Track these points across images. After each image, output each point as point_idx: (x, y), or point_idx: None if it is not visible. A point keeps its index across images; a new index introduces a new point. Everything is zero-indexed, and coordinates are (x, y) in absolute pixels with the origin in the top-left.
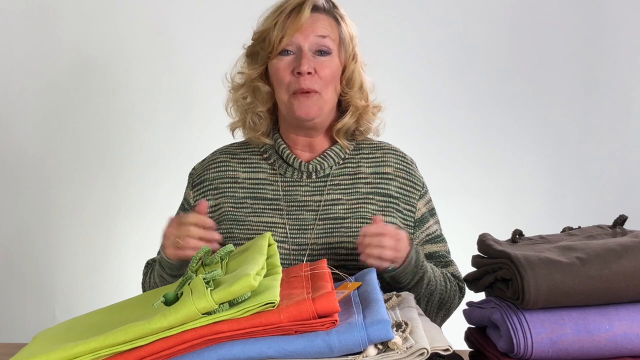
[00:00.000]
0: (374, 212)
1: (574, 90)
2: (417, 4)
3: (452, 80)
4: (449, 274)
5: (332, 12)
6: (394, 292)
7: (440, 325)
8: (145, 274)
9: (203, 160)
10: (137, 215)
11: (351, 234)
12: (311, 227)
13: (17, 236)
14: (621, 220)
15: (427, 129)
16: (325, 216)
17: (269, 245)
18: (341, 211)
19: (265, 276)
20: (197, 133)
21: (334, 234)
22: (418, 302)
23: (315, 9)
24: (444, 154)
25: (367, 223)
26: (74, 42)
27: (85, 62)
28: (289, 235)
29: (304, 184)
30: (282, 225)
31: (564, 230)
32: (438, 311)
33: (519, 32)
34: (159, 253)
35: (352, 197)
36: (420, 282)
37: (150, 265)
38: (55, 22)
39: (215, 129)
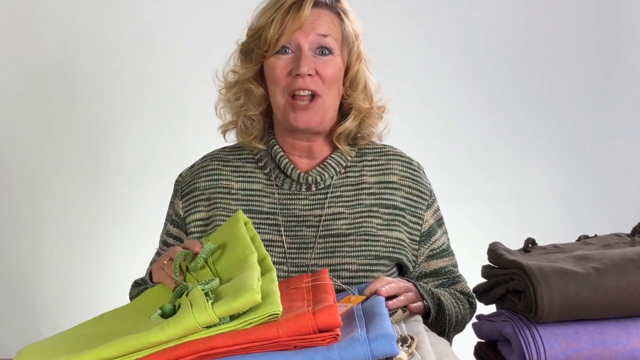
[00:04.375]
0: (379, 226)
1: (589, 91)
2: None
3: (460, 80)
4: (457, 294)
5: (334, 7)
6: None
7: (451, 339)
8: (135, 297)
9: (192, 167)
10: (124, 222)
11: (354, 253)
12: (311, 245)
13: None
14: None
15: (435, 131)
16: (326, 233)
17: (245, 224)
18: (343, 227)
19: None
20: (188, 136)
21: (336, 254)
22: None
23: (317, 4)
24: (453, 158)
25: (370, 240)
26: (59, 41)
27: (70, 62)
28: (287, 256)
29: (302, 196)
30: (279, 244)
31: (579, 239)
32: (454, 333)
33: (532, 31)
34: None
35: (355, 210)
36: (441, 312)
37: (140, 285)
38: (39, 19)
39: (207, 131)
